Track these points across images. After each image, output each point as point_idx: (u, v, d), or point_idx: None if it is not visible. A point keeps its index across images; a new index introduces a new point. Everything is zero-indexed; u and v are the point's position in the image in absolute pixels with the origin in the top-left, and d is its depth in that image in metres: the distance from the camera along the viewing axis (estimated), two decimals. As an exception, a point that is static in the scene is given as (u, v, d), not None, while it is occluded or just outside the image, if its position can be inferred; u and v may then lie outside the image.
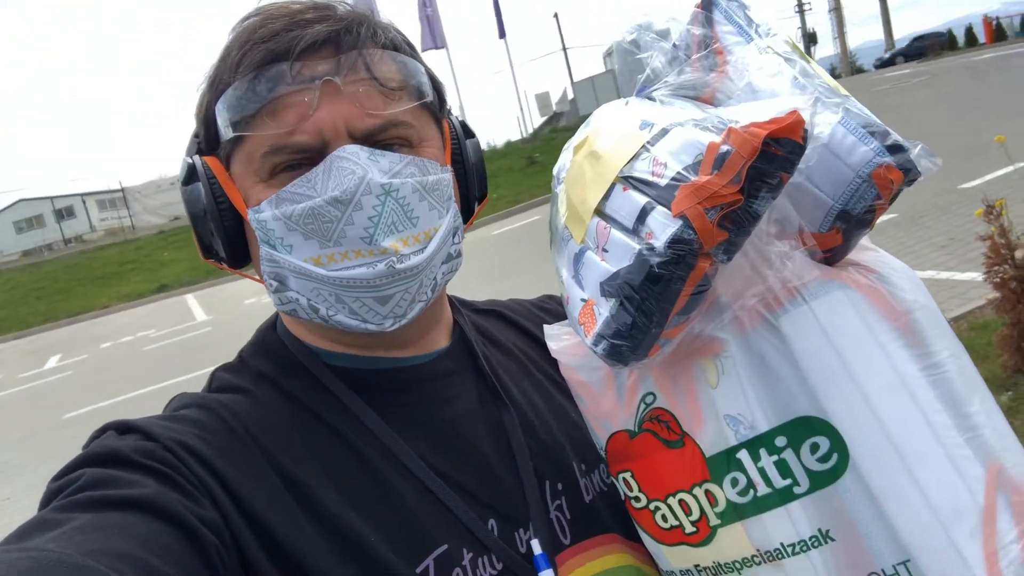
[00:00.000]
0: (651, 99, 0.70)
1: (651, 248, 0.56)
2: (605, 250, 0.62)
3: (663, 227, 0.56)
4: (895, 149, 0.60)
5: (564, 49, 34.61)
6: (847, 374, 0.58)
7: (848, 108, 0.62)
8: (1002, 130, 4.47)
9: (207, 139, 0.74)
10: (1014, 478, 0.58)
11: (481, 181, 0.84)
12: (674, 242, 0.55)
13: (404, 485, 0.70)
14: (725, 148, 0.55)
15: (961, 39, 33.31)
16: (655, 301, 0.57)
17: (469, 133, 0.83)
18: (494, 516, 0.72)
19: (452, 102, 0.83)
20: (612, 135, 0.66)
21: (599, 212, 0.64)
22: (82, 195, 42.62)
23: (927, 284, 0.65)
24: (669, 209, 0.56)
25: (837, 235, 0.63)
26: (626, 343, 0.59)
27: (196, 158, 0.73)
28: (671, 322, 0.58)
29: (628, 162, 0.62)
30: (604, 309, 0.61)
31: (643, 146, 0.61)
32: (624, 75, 0.75)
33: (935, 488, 0.56)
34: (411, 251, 0.69)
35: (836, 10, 39.28)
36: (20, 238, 40.91)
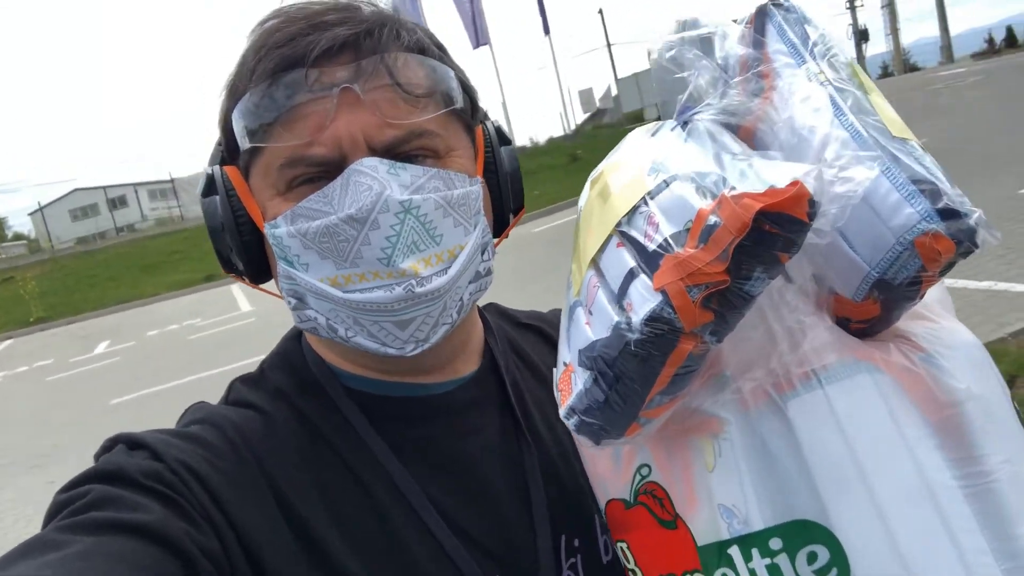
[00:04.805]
0: (685, 126, 0.62)
1: (628, 323, 0.50)
2: (591, 312, 0.56)
3: (643, 301, 0.49)
4: (947, 214, 0.49)
5: (608, 45, 34.13)
6: (859, 475, 0.50)
7: (897, 157, 0.52)
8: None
9: (228, 148, 0.70)
10: None
11: (517, 191, 0.77)
12: (651, 320, 0.48)
13: (410, 531, 0.66)
14: (713, 220, 0.47)
15: (1021, 36, 32.14)
16: (630, 381, 0.51)
17: (504, 140, 0.77)
18: (499, 571, 0.68)
19: (495, 99, 0.75)
20: (623, 174, 0.59)
21: (595, 263, 0.58)
22: (134, 185, 43.73)
23: (983, 295, 0.55)
24: (652, 280, 0.50)
25: (874, 305, 0.54)
26: (597, 422, 0.54)
27: (216, 168, 0.70)
28: (652, 402, 0.52)
29: (627, 213, 0.55)
30: (580, 380, 0.55)
31: (643, 197, 0.54)
32: (663, 94, 0.65)
33: None
34: (433, 272, 0.64)
35: (889, 5, 37.65)
36: (75, 226, 42.18)
